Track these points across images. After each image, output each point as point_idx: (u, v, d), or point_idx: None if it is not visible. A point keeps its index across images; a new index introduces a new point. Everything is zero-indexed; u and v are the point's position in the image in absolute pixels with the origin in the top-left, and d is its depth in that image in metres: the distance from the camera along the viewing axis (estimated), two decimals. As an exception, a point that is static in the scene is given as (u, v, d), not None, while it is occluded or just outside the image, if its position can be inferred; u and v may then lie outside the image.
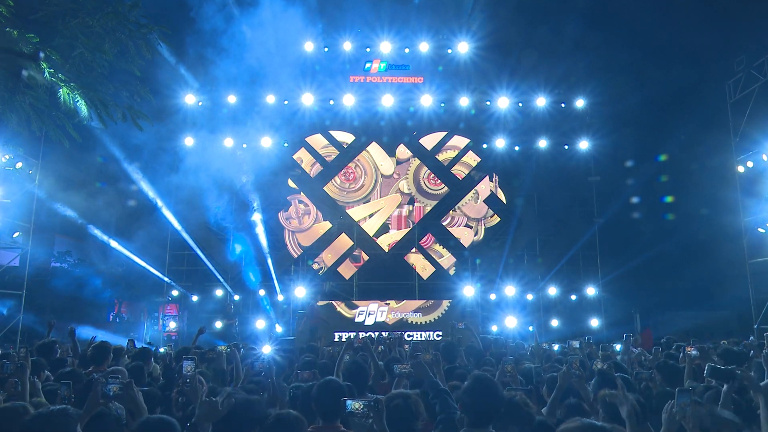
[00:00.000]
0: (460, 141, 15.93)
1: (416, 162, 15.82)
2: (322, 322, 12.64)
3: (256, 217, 14.82)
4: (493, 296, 15.44)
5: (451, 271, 15.49)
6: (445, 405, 3.18)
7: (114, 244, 14.42)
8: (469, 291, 14.95)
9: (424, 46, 15.70)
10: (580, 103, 16.05)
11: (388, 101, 15.55)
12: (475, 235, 15.63)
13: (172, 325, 16.15)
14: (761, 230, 13.95)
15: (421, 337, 13.20)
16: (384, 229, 15.57)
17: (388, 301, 14.00)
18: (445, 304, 14.12)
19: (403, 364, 3.83)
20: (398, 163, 15.91)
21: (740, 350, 5.53)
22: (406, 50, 15.84)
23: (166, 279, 15.03)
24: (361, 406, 2.53)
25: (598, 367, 3.88)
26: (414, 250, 15.45)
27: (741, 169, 13.81)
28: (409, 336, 13.11)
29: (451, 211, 15.69)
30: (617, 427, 1.68)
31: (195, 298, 15.45)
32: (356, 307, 14.14)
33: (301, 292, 14.58)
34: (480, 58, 15.59)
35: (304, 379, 4.25)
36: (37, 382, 3.72)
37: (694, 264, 19.98)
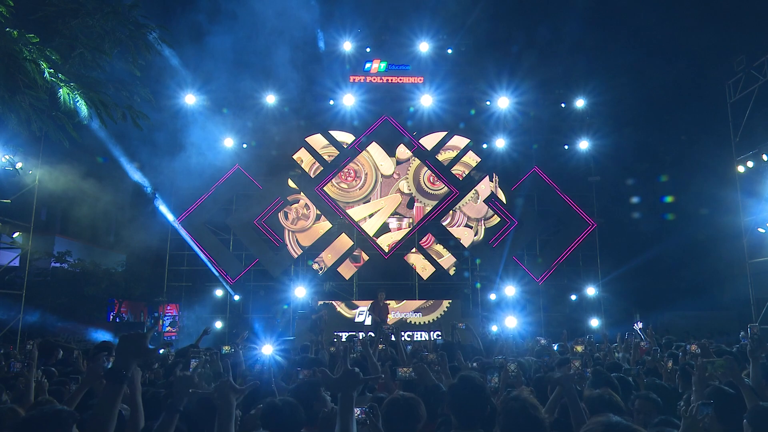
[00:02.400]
0: (460, 141, 15.92)
1: (416, 162, 15.81)
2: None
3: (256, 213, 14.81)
4: (493, 296, 15.45)
5: (451, 271, 15.49)
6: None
7: (114, 243, 14.42)
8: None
9: (424, 46, 15.70)
10: (580, 103, 16.05)
11: (388, 101, 15.55)
12: (475, 235, 15.63)
13: (172, 325, 16.17)
14: (761, 230, 13.94)
15: (421, 337, 13.19)
16: (384, 229, 15.57)
17: (388, 301, 13.98)
18: (445, 304, 14.11)
19: (405, 368, 3.80)
20: (398, 163, 15.90)
21: (736, 350, 5.54)
22: (406, 50, 15.85)
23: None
24: (358, 413, 2.53)
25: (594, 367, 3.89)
26: (414, 250, 15.44)
27: (741, 169, 13.81)
28: (409, 336, 13.11)
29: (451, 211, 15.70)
30: (640, 429, 1.69)
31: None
32: (356, 307, 14.13)
33: (301, 292, 14.55)
34: (480, 58, 15.60)
35: (303, 376, 4.29)
36: (44, 383, 3.74)
37: (694, 264, 19.97)
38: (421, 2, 15.35)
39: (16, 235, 12.39)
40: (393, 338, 7.38)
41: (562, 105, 16.28)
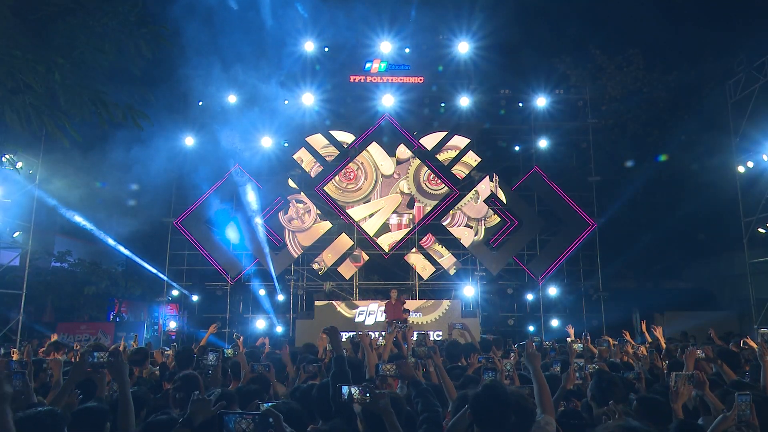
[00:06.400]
0: (460, 141, 15.92)
1: (416, 162, 15.81)
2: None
3: (256, 213, 14.81)
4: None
5: (452, 271, 15.48)
6: (428, 403, 3.17)
7: (114, 243, 14.43)
8: (469, 291, 15.00)
9: (424, 46, 15.70)
10: (579, 103, 16.05)
11: (388, 101, 15.56)
12: (475, 235, 15.62)
13: (172, 325, 16.16)
14: (761, 230, 13.95)
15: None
16: (384, 229, 15.56)
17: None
18: (445, 304, 14.10)
19: (388, 365, 3.80)
20: (398, 163, 15.89)
21: (736, 352, 5.54)
22: (407, 50, 15.84)
23: (165, 278, 15.01)
24: (358, 392, 2.65)
25: (595, 367, 3.90)
26: (414, 250, 15.44)
27: (741, 169, 13.80)
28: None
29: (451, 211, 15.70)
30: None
31: (195, 297, 15.44)
32: (356, 307, 14.13)
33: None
34: (480, 58, 15.59)
35: (309, 372, 4.38)
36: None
37: (694, 264, 19.99)
38: (421, 2, 15.35)
39: (16, 234, 12.38)
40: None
41: (562, 105, 16.28)
